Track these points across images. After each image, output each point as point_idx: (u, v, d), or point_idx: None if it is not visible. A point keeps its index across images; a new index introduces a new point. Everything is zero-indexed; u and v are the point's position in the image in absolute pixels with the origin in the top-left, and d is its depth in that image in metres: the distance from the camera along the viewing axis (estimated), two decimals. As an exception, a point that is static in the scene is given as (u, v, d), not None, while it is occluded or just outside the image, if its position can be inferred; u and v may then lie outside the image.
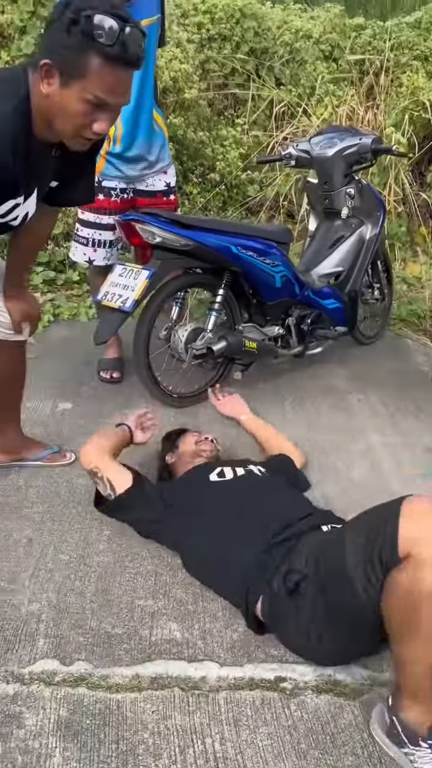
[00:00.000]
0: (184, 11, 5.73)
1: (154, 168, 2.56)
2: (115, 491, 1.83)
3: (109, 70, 1.33)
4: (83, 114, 1.38)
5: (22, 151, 1.46)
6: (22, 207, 1.62)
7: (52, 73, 1.36)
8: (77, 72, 1.33)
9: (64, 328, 3.39)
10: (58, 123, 1.43)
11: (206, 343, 2.55)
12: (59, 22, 1.33)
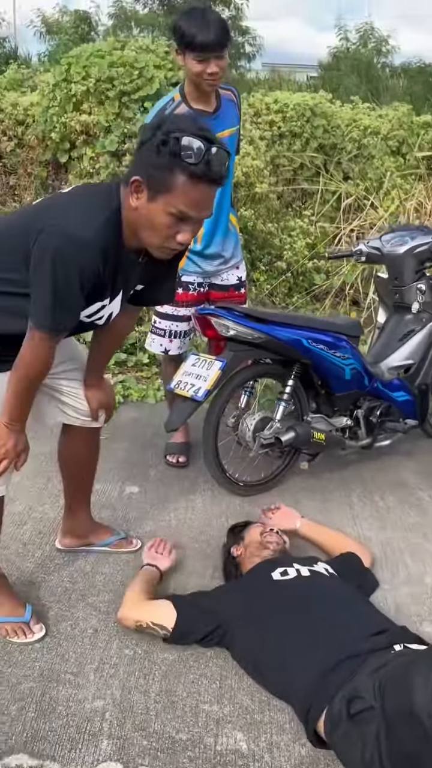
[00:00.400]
0: (257, 110, 6.08)
1: (228, 264, 2.68)
2: (167, 628, 1.80)
3: (193, 186, 1.43)
4: (167, 226, 1.47)
5: (112, 258, 1.57)
6: (108, 308, 1.72)
7: (141, 188, 1.46)
8: (163, 188, 1.43)
9: (133, 409, 3.47)
10: (144, 234, 1.52)
11: (274, 432, 2.56)
12: (150, 143, 1.44)
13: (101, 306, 1.68)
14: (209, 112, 2.41)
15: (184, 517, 2.52)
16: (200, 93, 2.37)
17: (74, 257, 1.48)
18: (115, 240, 1.55)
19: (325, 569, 1.95)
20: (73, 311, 1.59)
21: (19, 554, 2.24)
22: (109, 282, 1.63)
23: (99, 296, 1.65)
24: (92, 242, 1.49)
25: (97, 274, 1.55)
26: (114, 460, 2.89)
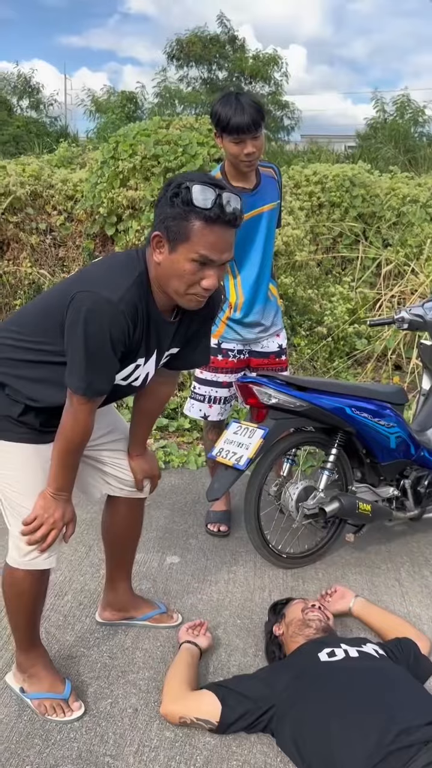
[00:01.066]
0: (297, 182, 6.26)
1: (268, 332, 2.70)
2: (212, 722, 1.74)
3: (210, 230, 1.46)
4: (191, 272, 1.50)
5: (143, 319, 1.59)
6: (143, 368, 1.72)
7: (162, 242, 1.51)
8: (182, 237, 1.47)
9: (174, 476, 3.46)
10: (171, 285, 1.55)
11: (318, 502, 2.51)
12: (164, 199, 1.50)
13: (136, 366, 1.69)
14: (249, 188, 2.48)
15: (225, 590, 2.46)
16: (239, 172, 2.45)
17: (104, 320, 1.51)
18: (144, 300, 1.59)
19: (375, 650, 1.86)
20: (108, 373, 1.60)
21: (59, 626, 2.21)
22: (143, 342, 1.65)
23: (134, 356, 1.66)
24: (120, 304, 1.51)
25: (129, 335, 1.57)
26: (154, 529, 2.86)
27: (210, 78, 19.44)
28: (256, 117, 2.32)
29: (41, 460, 1.72)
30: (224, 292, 2.63)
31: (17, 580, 1.77)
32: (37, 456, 1.72)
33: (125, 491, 1.99)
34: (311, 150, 15.77)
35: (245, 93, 2.52)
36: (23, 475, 1.71)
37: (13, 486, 1.72)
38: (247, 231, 2.49)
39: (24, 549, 1.72)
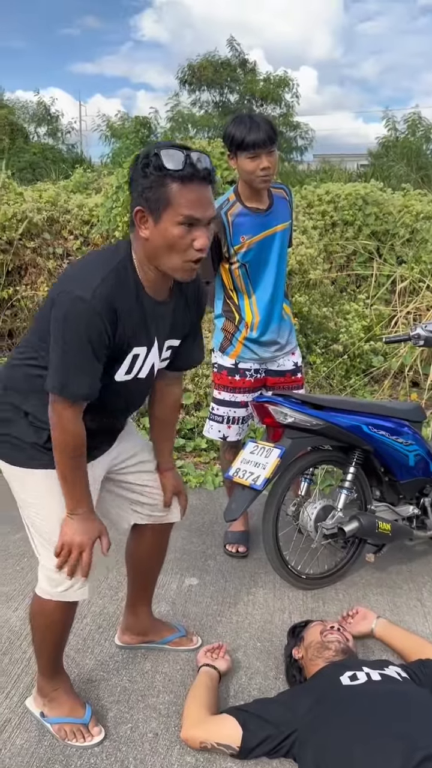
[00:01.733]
0: (310, 202, 6.30)
1: (284, 350, 2.71)
2: (233, 747, 1.72)
3: (188, 189, 1.45)
4: (181, 236, 1.48)
5: (131, 306, 1.56)
6: (149, 358, 1.68)
7: (145, 216, 1.49)
8: (163, 203, 1.45)
9: (192, 496, 3.45)
10: (164, 258, 1.52)
11: (337, 522, 2.49)
12: (136, 173, 1.48)
13: (134, 356, 1.64)
14: (263, 209, 2.51)
15: (245, 612, 2.44)
16: (253, 191, 2.48)
17: (81, 322, 1.48)
18: (130, 286, 1.56)
19: (398, 673, 1.83)
20: (86, 376, 1.54)
21: (79, 650, 2.20)
22: (140, 331, 1.61)
23: (127, 347, 1.61)
24: (93, 301, 1.48)
25: (109, 334, 1.53)
26: (172, 550, 2.84)
27: (222, 101, 19.73)
28: (270, 133, 2.36)
29: None
30: (213, 303, 2.66)
31: (47, 611, 1.76)
32: None
33: (154, 517, 1.98)
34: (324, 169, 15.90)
35: (257, 112, 2.57)
36: (50, 502, 1.69)
37: (40, 514, 1.71)
38: (261, 251, 2.52)
39: (56, 580, 1.70)
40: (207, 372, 4.11)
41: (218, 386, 2.72)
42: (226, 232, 2.48)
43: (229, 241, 2.49)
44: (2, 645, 2.24)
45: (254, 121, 2.38)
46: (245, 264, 2.52)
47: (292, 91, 18.99)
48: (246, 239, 2.48)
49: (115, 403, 1.72)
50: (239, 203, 2.50)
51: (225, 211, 2.49)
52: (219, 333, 2.69)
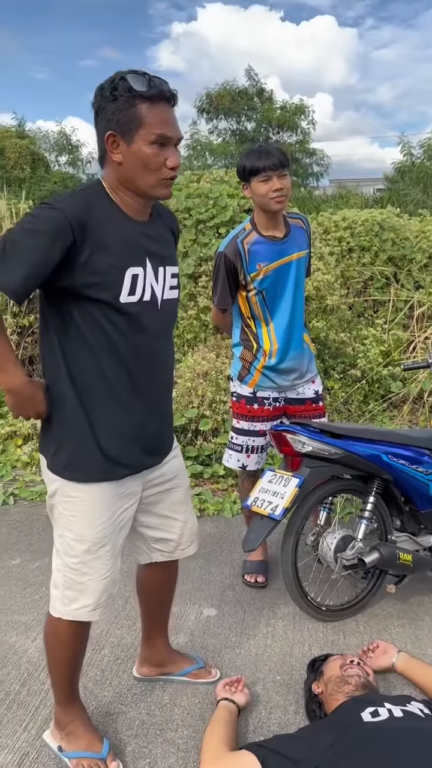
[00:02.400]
0: (326, 228, 6.33)
1: (304, 378, 2.71)
2: None
3: (157, 109, 1.52)
4: (154, 155, 1.53)
5: (105, 222, 1.55)
6: (147, 280, 1.63)
7: (117, 140, 1.54)
8: (136, 124, 1.51)
9: (210, 524, 3.44)
10: (139, 178, 1.56)
11: (357, 553, 2.46)
12: (104, 100, 1.53)
13: (134, 275, 1.59)
14: (279, 237, 2.53)
15: (264, 644, 2.41)
16: (269, 220, 2.51)
17: (42, 216, 1.47)
18: (107, 208, 1.57)
19: (420, 709, 1.79)
20: (25, 264, 1.45)
21: (97, 682, 2.19)
22: (132, 249, 1.59)
23: (128, 262, 1.58)
24: (57, 204, 1.49)
25: (77, 239, 1.49)
26: (190, 580, 2.84)
27: (239, 129, 20.02)
28: (280, 157, 2.43)
29: (111, 508, 1.71)
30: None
31: (59, 629, 1.78)
32: (109, 501, 1.71)
33: (176, 553, 1.98)
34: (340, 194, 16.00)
35: (268, 142, 2.63)
36: (89, 523, 1.69)
37: (73, 529, 1.70)
38: (278, 278, 2.54)
39: (69, 597, 1.72)
40: (225, 398, 4.12)
41: (237, 415, 2.73)
42: (242, 260, 2.51)
43: (245, 269, 2.51)
44: (21, 675, 2.23)
45: (265, 147, 2.45)
46: (262, 291, 2.54)
47: (308, 119, 19.24)
48: (262, 266, 2.51)
49: (139, 344, 1.65)
50: (255, 232, 2.53)
51: (241, 240, 2.52)
52: (237, 362, 2.71)
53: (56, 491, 1.71)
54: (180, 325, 4.94)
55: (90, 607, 1.73)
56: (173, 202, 4.96)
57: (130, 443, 1.71)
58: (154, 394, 1.75)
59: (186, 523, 1.99)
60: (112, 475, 1.70)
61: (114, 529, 1.73)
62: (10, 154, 20.49)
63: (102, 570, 1.73)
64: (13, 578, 2.87)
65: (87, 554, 1.70)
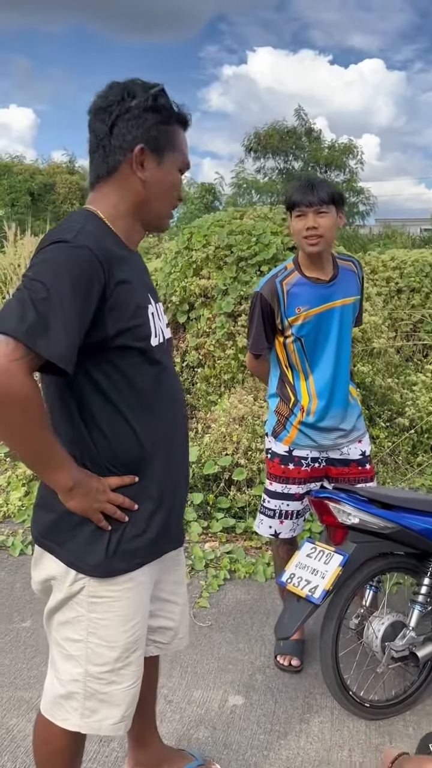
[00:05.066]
0: (374, 268, 6.08)
1: (348, 437, 2.40)
2: None
3: (183, 136, 1.42)
4: (179, 183, 1.43)
5: (118, 250, 1.33)
6: (157, 318, 1.42)
7: (146, 156, 1.35)
8: (170, 145, 1.37)
9: (240, 588, 3.12)
10: (157, 202, 1.40)
11: (408, 643, 2.12)
12: (136, 109, 1.32)
13: (152, 313, 1.39)
14: (324, 280, 2.28)
15: (296, 745, 2.08)
16: (315, 260, 2.27)
17: (67, 262, 1.20)
18: (112, 234, 1.35)
19: None
20: (70, 333, 1.18)
21: (100, 786, 1.89)
22: (141, 282, 1.38)
23: (145, 298, 1.38)
24: (80, 239, 1.24)
25: (106, 277, 1.25)
26: (215, 658, 2.53)
27: (286, 168, 20.07)
28: (322, 194, 2.19)
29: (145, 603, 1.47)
30: None
31: (53, 737, 1.51)
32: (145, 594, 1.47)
33: (172, 645, 1.73)
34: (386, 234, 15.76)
35: (317, 176, 2.41)
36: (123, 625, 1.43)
37: (101, 634, 1.42)
38: (320, 325, 2.27)
39: (90, 709, 1.44)
40: (261, 446, 3.83)
41: (270, 476, 2.44)
42: (280, 302, 2.26)
43: (283, 312, 2.26)
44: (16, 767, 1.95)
45: (309, 182, 2.24)
46: (300, 338, 2.27)
47: (356, 158, 19.16)
48: (302, 311, 2.25)
49: (167, 402, 1.43)
50: (298, 272, 2.28)
51: (280, 280, 2.27)
52: (272, 415, 2.42)
53: (80, 591, 1.41)
54: (217, 365, 4.71)
55: (115, 719, 1.45)
56: (214, 238, 4.79)
57: (174, 506, 1.49)
58: (184, 445, 1.54)
59: (185, 607, 1.74)
60: (155, 554, 1.47)
61: (145, 627, 1.49)
62: (60, 189, 20.98)
63: (134, 677, 1.47)
64: (22, 644, 2.60)
65: (118, 662, 1.43)
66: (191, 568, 3.26)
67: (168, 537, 1.49)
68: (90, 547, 1.37)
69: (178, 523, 1.54)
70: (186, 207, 15.36)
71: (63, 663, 1.45)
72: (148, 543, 1.42)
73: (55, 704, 1.48)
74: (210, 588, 3.08)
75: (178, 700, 2.28)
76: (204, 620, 2.81)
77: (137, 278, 1.38)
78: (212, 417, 4.31)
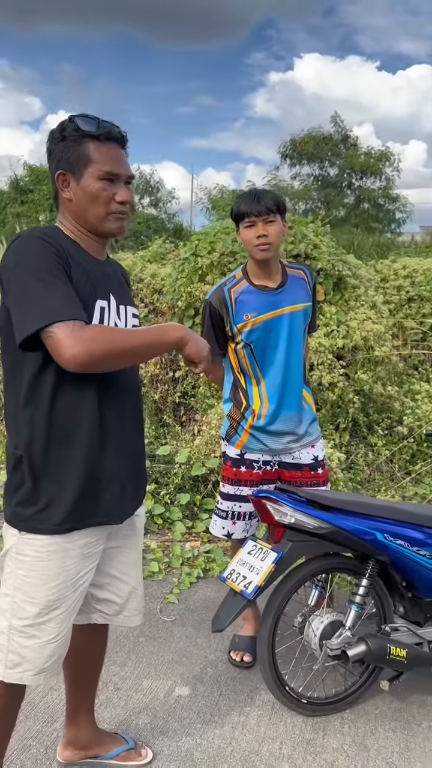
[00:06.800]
0: (384, 276, 6.08)
1: (300, 442, 2.47)
2: None
3: (105, 148, 1.56)
4: (103, 189, 1.56)
5: (74, 254, 1.55)
6: (111, 318, 1.61)
7: (67, 178, 1.57)
8: (84, 161, 1.55)
9: (211, 587, 3.21)
10: (89, 211, 1.57)
11: (344, 642, 2.18)
12: (53, 143, 1.58)
13: (102, 308, 1.58)
14: (272, 287, 2.36)
15: (230, 736, 2.16)
16: (261, 268, 2.35)
17: (37, 248, 1.47)
18: (71, 242, 1.57)
19: None
20: (74, 298, 1.46)
21: (37, 761, 2.00)
22: (96, 282, 1.58)
23: (91, 295, 1.55)
24: (34, 232, 1.50)
25: (61, 255, 1.49)
26: (171, 651, 2.62)
27: (321, 175, 20.04)
28: (269, 203, 2.28)
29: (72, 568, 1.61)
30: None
31: None
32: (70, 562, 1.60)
33: (118, 619, 1.84)
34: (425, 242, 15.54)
35: (262, 189, 2.51)
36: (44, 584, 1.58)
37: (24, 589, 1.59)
38: (268, 331, 2.35)
39: (12, 661, 1.58)
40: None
41: (223, 478, 2.52)
42: (229, 310, 2.35)
43: (231, 319, 2.35)
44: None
45: (255, 193, 2.34)
46: (250, 344, 2.35)
47: (393, 165, 18.99)
48: (250, 317, 2.33)
49: (114, 374, 1.58)
50: (246, 280, 2.37)
51: (228, 288, 2.37)
52: (226, 420, 2.51)
53: (11, 548, 1.59)
54: (216, 370, 4.81)
55: (34, 671, 1.60)
56: (219, 245, 4.90)
57: (111, 484, 1.62)
58: (127, 431, 1.67)
59: (135, 590, 1.85)
60: (82, 523, 1.59)
61: (71, 591, 1.62)
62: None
63: (52, 633, 1.60)
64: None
65: (38, 617, 1.58)
66: (168, 565, 3.36)
67: (98, 510, 1.60)
68: (24, 505, 1.56)
69: (116, 500, 1.65)
70: (217, 213, 15.51)
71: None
72: (74, 510, 1.55)
73: None
74: (181, 585, 3.18)
75: (126, 687, 2.39)
76: (169, 615, 2.91)
77: (92, 276, 1.57)
78: (206, 420, 4.40)
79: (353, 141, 19.49)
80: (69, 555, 1.59)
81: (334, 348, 4.53)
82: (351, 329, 4.69)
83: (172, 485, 3.93)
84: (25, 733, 2.12)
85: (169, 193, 21.69)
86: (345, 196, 19.77)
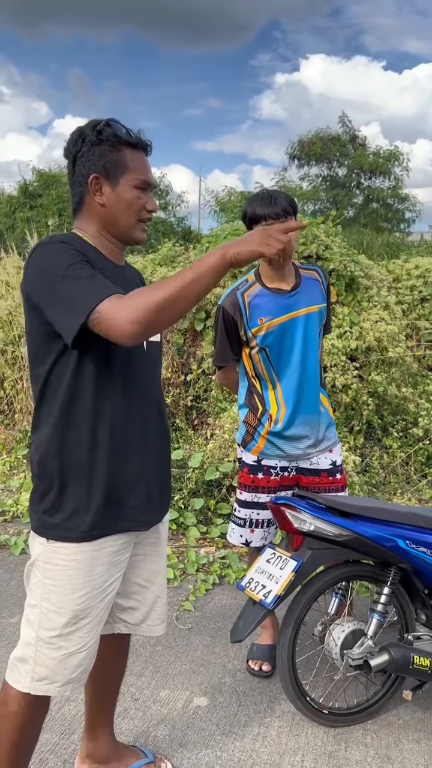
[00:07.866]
0: (397, 276, 6.02)
1: (318, 447, 2.42)
2: None
3: (139, 157, 1.59)
4: (137, 198, 1.59)
5: (97, 260, 1.55)
6: None
7: (101, 183, 1.56)
8: (122, 168, 1.56)
9: (228, 593, 3.17)
10: (122, 219, 1.59)
11: (365, 651, 2.13)
12: (86, 146, 1.56)
13: None
14: (286, 290, 2.32)
15: (251, 748, 2.12)
16: (275, 270, 2.31)
17: (64, 250, 1.47)
18: (92, 249, 1.58)
19: None
20: (108, 283, 1.45)
21: (52, 775, 1.98)
22: (117, 284, 1.53)
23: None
24: (56, 238, 1.52)
25: (84, 255, 1.50)
26: (189, 660, 2.58)
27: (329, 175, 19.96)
28: (285, 206, 2.24)
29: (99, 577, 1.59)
30: None
31: (9, 699, 1.60)
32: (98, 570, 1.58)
33: (141, 628, 1.81)
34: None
35: (275, 190, 2.44)
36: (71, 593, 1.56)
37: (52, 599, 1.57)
38: (283, 335, 2.30)
39: (39, 674, 1.55)
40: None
41: (240, 485, 2.48)
42: (243, 314, 2.31)
43: (245, 323, 2.31)
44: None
45: (269, 194, 2.28)
46: (265, 348, 2.31)
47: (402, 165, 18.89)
48: (265, 321, 2.29)
49: (135, 378, 1.59)
50: (259, 284, 2.33)
51: (241, 292, 2.32)
52: (242, 426, 2.47)
53: (39, 557, 1.57)
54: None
55: (61, 681, 1.57)
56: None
57: (137, 488, 1.61)
58: (151, 436, 1.66)
59: (159, 598, 1.82)
60: (110, 530, 1.58)
61: (99, 600, 1.59)
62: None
63: (80, 643, 1.57)
64: (6, 639, 2.72)
65: (66, 627, 1.55)
66: (183, 572, 3.33)
67: (125, 515, 1.59)
68: (51, 513, 1.54)
69: (143, 505, 1.63)
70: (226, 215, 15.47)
71: (24, 628, 1.60)
72: (101, 516, 1.54)
73: (12, 666, 1.60)
74: (197, 592, 3.14)
75: (144, 698, 2.35)
76: (185, 623, 2.87)
77: (115, 280, 1.52)
78: (219, 424, 4.36)
79: (362, 141, 19.42)
80: (97, 563, 1.57)
81: (348, 349, 4.48)
82: (364, 330, 4.63)
83: (185, 490, 3.89)
84: (41, 746, 2.08)
85: (179, 196, 21.70)
86: (354, 197, 19.69)
